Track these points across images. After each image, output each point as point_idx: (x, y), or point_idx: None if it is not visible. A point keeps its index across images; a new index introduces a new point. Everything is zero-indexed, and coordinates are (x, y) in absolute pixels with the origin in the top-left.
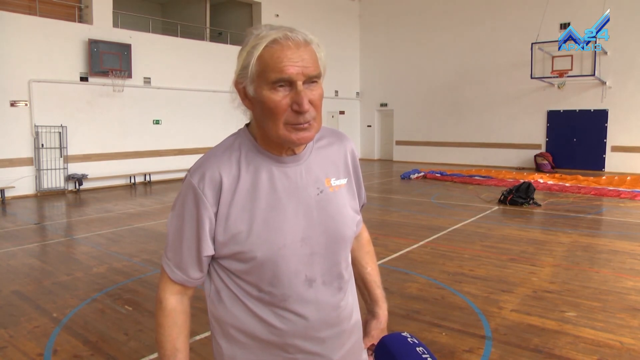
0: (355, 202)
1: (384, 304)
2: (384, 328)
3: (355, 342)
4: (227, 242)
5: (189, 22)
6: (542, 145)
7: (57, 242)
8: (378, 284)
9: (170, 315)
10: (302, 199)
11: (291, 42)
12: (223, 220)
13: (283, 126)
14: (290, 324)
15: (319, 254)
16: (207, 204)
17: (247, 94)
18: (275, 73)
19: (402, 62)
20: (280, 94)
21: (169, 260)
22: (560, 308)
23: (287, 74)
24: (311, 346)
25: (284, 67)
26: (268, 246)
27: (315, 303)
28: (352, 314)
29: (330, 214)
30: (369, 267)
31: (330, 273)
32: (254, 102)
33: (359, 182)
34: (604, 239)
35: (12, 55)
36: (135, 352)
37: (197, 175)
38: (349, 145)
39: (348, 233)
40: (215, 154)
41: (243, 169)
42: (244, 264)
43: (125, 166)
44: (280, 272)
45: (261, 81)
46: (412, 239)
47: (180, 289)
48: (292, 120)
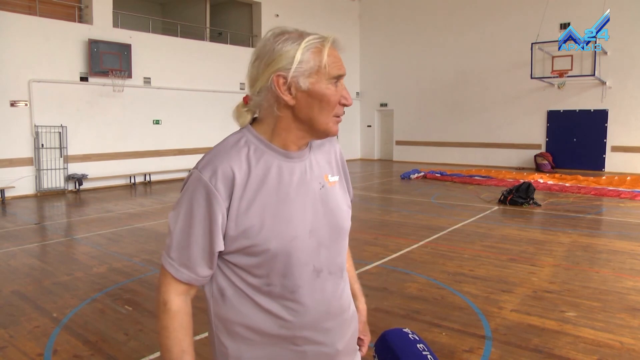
0: (347, 197)
1: (362, 297)
2: (365, 322)
3: (353, 331)
4: (237, 237)
5: (189, 22)
6: (542, 145)
7: (57, 242)
8: (355, 278)
9: (176, 317)
10: (308, 193)
11: (340, 46)
12: (234, 215)
13: (332, 118)
14: (299, 315)
15: (325, 245)
16: (219, 199)
17: (297, 87)
18: (337, 70)
19: (402, 62)
20: (335, 88)
21: (172, 260)
22: (560, 308)
23: (344, 71)
24: (318, 336)
25: (341, 65)
26: (281, 238)
27: (322, 293)
28: (350, 304)
29: (331, 207)
30: (347, 263)
31: (334, 263)
32: (305, 95)
33: (347, 180)
34: (604, 239)
35: (12, 55)
36: (135, 352)
37: (208, 171)
38: (337, 146)
39: (347, 225)
40: (224, 150)
41: (253, 164)
42: (254, 257)
43: (125, 166)
44: (292, 264)
45: (321, 75)
46: (412, 239)
47: (185, 289)
48: (339, 112)
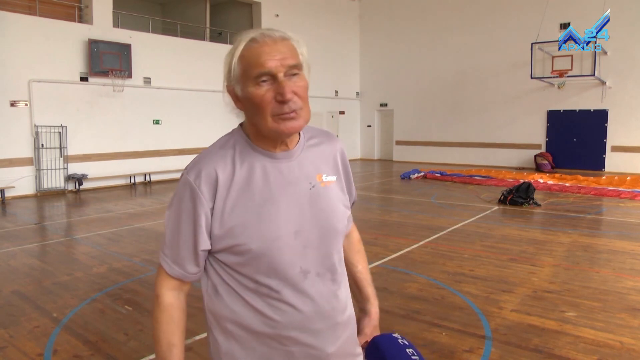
0: (346, 198)
1: (375, 301)
2: (377, 325)
3: (349, 335)
4: (223, 236)
5: (189, 22)
6: (542, 145)
7: (57, 242)
8: (369, 281)
9: (166, 311)
10: (294, 193)
11: (268, 39)
12: (219, 214)
13: (271, 119)
14: (286, 315)
15: (313, 246)
16: (203, 200)
17: (237, 95)
18: (256, 68)
19: (402, 62)
20: (263, 88)
21: (166, 256)
22: (560, 308)
23: (267, 68)
24: (306, 338)
25: (264, 61)
26: (262, 239)
27: (310, 295)
28: (346, 307)
29: (321, 208)
30: (360, 265)
31: (323, 265)
32: (243, 102)
33: (349, 180)
34: (604, 239)
35: (12, 55)
36: (135, 352)
37: (193, 173)
38: (338, 145)
39: (339, 226)
40: (210, 152)
41: (237, 165)
42: (240, 256)
43: (125, 166)
44: (276, 264)
45: (245, 79)
46: (412, 239)
47: (177, 284)
48: (277, 111)
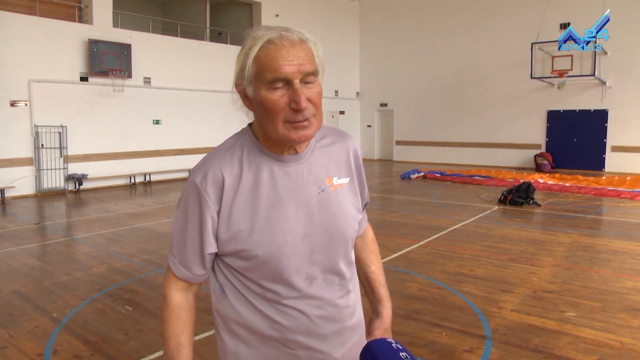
0: (358, 200)
1: (388, 303)
2: (388, 327)
3: (357, 340)
4: (229, 240)
5: (189, 22)
6: (542, 145)
7: (57, 242)
8: (382, 282)
9: (174, 311)
10: (302, 198)
11: (286, 42)
12: (225, 218)
13: (282, 125)
14: (292, 319)
15: (320, 251)
16: (209, 203)
17: (247, 95)
18: (272, 72)
19: (402, 62)
20: (278, 93)
21: (174, 257)
22: (560, 308)
23: (282, 73)
24: (313, 342)
25: (280, 66)
26: (269, 244)
27: (316, 300)
28: (354, 312)
29: (331, 213)
30: (374, 266)
31: (331, 270)
32: (254, 103)
33: (362, 181)
34: (604, 239)
35: (12, 55)
36: (135, 352)
37: (199, 175)
38: (351, 144)
39: (349, 232)
40: (217, 154)
41: (245, 168)
42: (246, 261)
43: (125, 166)
44: (282, 270)
45: (259, 82)
46: (412, 239)
47: (184, 285)
48: (291, 118)
